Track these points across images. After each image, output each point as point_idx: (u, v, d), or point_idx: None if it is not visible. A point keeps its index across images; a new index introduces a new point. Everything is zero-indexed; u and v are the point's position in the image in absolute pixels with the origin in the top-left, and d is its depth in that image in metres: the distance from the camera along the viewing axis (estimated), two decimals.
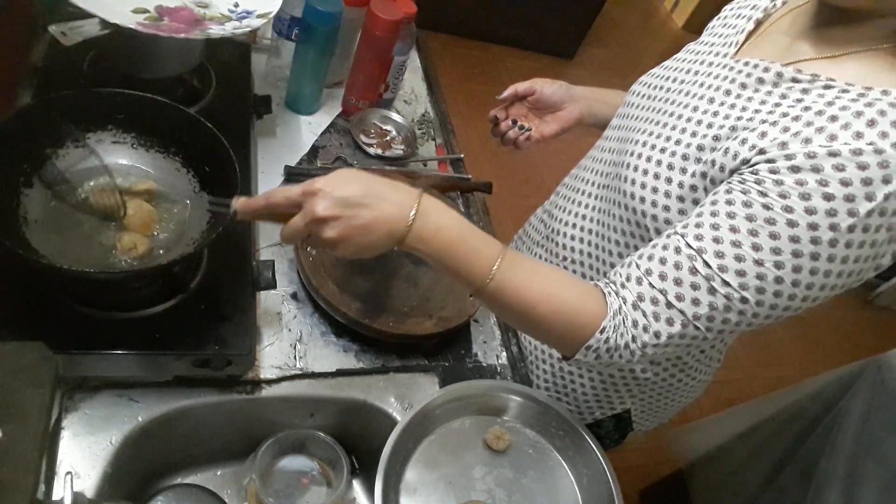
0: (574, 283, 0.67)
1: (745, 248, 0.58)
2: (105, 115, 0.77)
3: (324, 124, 1.13)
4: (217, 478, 0.84)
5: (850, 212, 0.54)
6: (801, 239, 0.56)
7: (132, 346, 0.68)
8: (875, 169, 0.53)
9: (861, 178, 0.53)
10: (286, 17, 1.06)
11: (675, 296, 0.60)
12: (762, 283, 0.58)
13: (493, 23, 3.16)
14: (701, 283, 0.59)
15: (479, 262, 0.63)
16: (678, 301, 0.60)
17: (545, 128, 0.96)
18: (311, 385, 0.80)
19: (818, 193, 0.54)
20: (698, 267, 0.59)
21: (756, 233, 0.57)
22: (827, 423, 1.37)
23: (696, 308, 0.60)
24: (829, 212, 0.54)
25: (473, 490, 0.77)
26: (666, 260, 0.62)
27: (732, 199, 0.59)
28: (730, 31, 0.73)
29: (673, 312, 0.61)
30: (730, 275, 0.58)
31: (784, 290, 0.58)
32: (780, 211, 0.56)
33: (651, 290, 0.62)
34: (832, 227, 0.54)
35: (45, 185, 0.71)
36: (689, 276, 0.60)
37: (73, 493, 0.52)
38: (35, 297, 0.69)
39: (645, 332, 0.62)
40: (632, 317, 0.63)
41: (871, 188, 0.53)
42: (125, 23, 0.75)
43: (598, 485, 0.78)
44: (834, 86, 0.59)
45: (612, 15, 3.40)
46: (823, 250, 0.55)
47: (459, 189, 1.13)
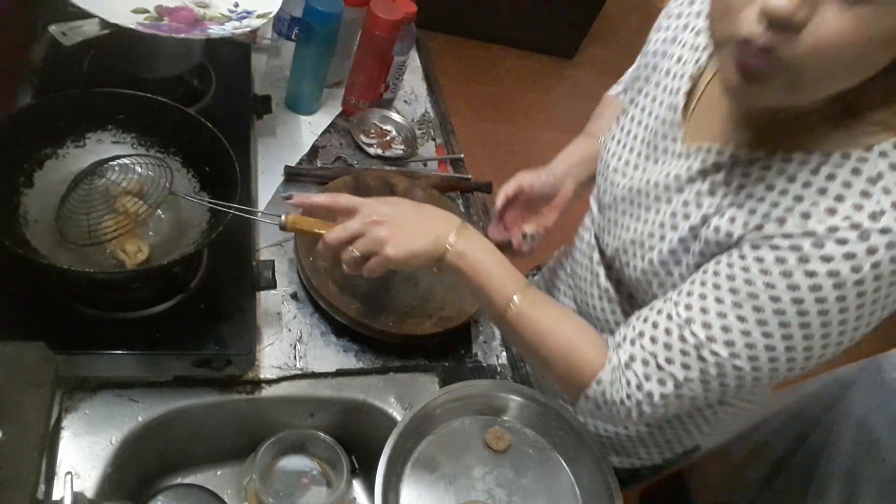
0: (584, 331, 0.69)
1: (730, 319, 0.57)
2: (105, 115, 0.77)
3: (324, 124, 1.13)
4: (217, 478, 0.84)
5: (836, 285, 0.52)
6: (787, 312, 0.55)
7: (132, 346, 0.68)
8: (856, 243, 0.51)
9: (843, 254, 0.51)
10: (286, 17, 1.06)
11: (665, 359, 0.61)
12: (753, 352, 0.57)
13: (493, 23, 3.16)
14: (690, 350, 0.60)
15: (504, 289, 0.67)
16: (668, 364, 0.61)
17: (546, 221, 0.91)
18: (311, 385, 0.80)
19: (799, 271, 0.53)
20: (686, 335, 0.60)
21: (740, 305, 0.57)
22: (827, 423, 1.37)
23: (687, 372, 0.60)
24: (812, 287, 0.53)
25: (473, 490, 0.77)
26: (658, 324, 0.62)
27: (718, 271, 0.59)
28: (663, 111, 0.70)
29: (663, 374, 0.61)
30: (718, 344, 0.58)
31: (779, 355, 0.57)
32: (762, 286, 0.55)
33: (642, 352, 0.63)
34: (819, 300, 0.53)
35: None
36: (678, 342, 0.60)
37: (73, 493, 0.52)
38: (35, 297, 0.69)
39: (638, 390, 0.62)
40: (626, 375, 0.63)
41: (855, 262, 0.51)
42: (125, 23, 0.75)
43: (598, 485, 0.78)
44: (792, 158, 0.56)
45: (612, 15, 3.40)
46: (813, 320, 0.54)
47: (459, 189, 1.13)
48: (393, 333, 0.83)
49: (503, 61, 3.23)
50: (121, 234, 0.70)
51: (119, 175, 0.74)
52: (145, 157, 0.77)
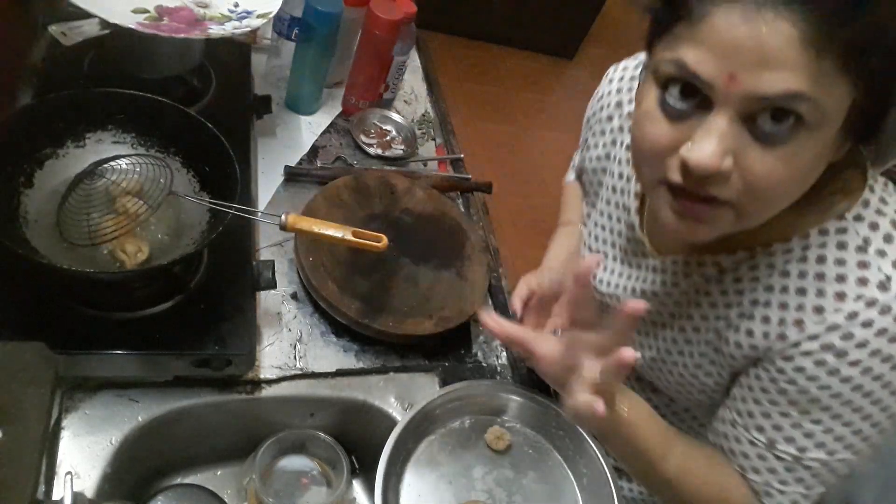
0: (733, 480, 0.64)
1: (807, 426, 0.57)
2: (105, 115, 0.77)
3: (324, 124, 1.13)
4: (217, 478, 0.84)
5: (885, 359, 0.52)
6: (853, 400, 0.55)
7: (132, 346, 0.68)
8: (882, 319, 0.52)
9: (874, 333, 0.52)
10: (286, 17, 1.06)
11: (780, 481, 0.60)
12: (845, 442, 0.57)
13: (493, 23, 3.16)
14: (795, 466, 0.59)
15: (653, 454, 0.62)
16: (783, 485, 0.60)
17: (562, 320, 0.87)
18: (311, 385, 0.80)
19: (844, 364, 0.53)
20: (781, 455, 0.59)
21: (808, 411, 0.57)
22: None
23: (808, 490, 0.60)
24: (864, 371, 0.53)
25: (473, 490, 0.77)
26: (748, 455, 0.62)
27: (766, 388, 0.58)
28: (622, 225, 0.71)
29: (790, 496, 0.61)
30: (811, 451, 0.58)
31: (867, 431, 0.57)
32: (818, 390, 0.55)
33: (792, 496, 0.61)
34: (876, 378, 0.53)
35: None
36: (778, 463, 0.60)
37: (73, 493, 0.52)
38: (35, 297, 0.69)
39: None
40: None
41: (890, 334, 0.52)
42: (125, 23, 0.75)
43: (598, 485, 0.78)
44: (774, 251, 0.57)
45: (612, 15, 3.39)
46: (881, 393, 0.54)
47: (459, 189, 1.13)
48: (393, 333, 0.83)
49: (503, 61, 3.23)
50: (121, 234, 0.70)
51: (119, 175, 0.74)
52: (145, 157, 0.77)
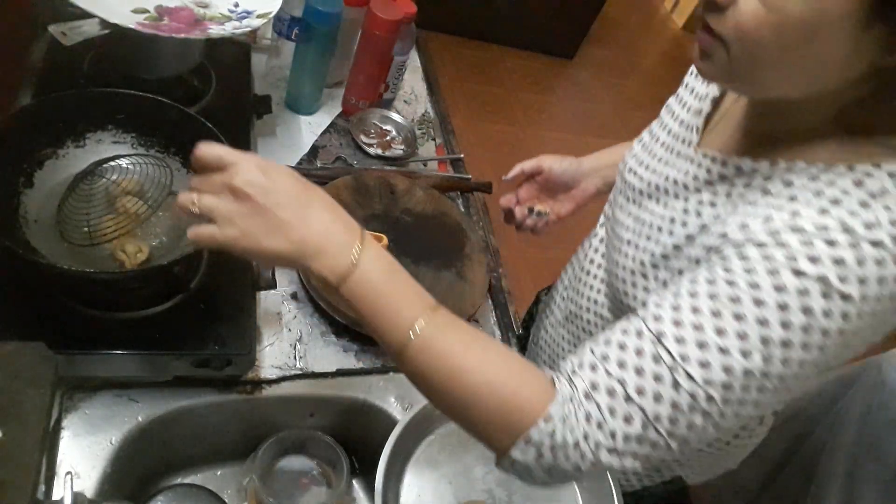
0: (517, 359, 0.56)
1: (707, 333, 0.50)
2: (105, 115, 0.77)
3: (324, 124, 1.13)
4: (217, 478, 0.84)
5: (825, 294, 0.48)
6: (770, 322, 0.49)
7: (132, 346, 0.68)
8: (846, 249, 0.47)
9: (832, 258, 0.47)
10: (286, 17, 1.06)
11: (636, 388, 0.51)
12: (728, 378, 0.50)
13: (493, 23, 3.16)
14: (664, 374, 0.51)
15: (405, 314, 0.54)
16: (638, 395, 0.51)
17: (560, 208, 0.91)
18: (311, 385, 0.80)
19: (786, 268, 0.48)
20: (660, 353, 0.51)
21: (719, 314, 0.50)
22: (827, 423, 1.37)
23: (658, 406, 0.51)
24: (800, 291, 0.48)
25: (473, 490, 0.77)
26: (626, 345, 0.53)
27: (695, 278, 0.53)
28: (689, 115, 0.70)
29: (632, 408, 0.51)
30: (692, 365, 0.50)
31: (752, 383, 0.50)
32: (746, 287, 0.50)
33: (607, 379, 0.52)
34: (805, 311, 0.48)
35: None
36: (652, 364, 0.51)
37: (73, 493, 0.52)
38: (35, 297, 0.69)
39: (599, 429, 0.52)
40: (584, 408, 0.52)
41: (842, 270, 0.47)
42: (125, 23, 0.75)
43: (599, 485, 0.78)
44: (794, 168, 0.54)
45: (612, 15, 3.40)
46: (795, 337, 0.49)
47: (459, 189, 1.13)
48: None
49: (503, 61, 3.23)
50: (121, 234, 0.70)
51: (119, 175, 0.74)
52: (145, 157, 0.77)
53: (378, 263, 0.55)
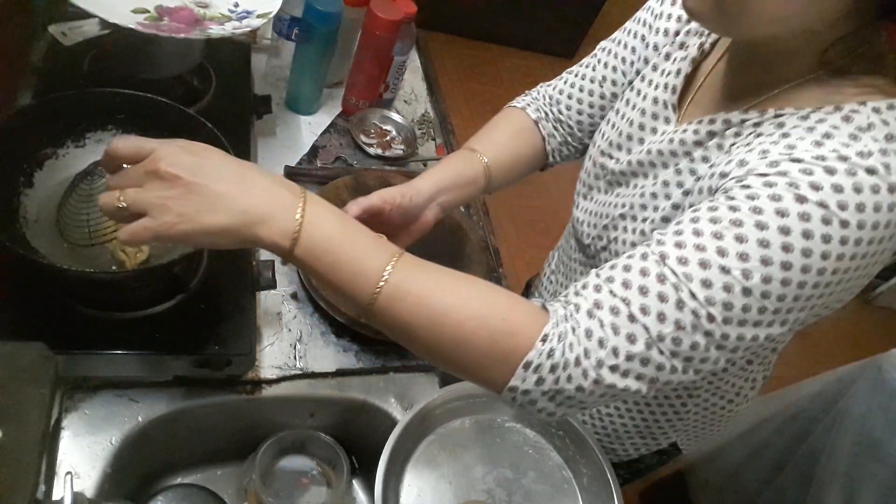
0: (500, 290, 0.55)
1: (709, 252, 0.51)
2: (105, 115, 0.77)
3: (324, 124, 1.13)
4: (217, 478, 0.84)
5: (825, 219, 0.49)
6: (771, 243, 0.49)
7: (132, 346, 0.68)
8: (844, 176, 0.49)
9: (831, 184, 0.49)
10: (286, 17, 1.06)
11: (640, 307, 0.51)
12: (729, 297, 0.50)
13: (493, 23, 3.16)
14: (669, 293, 0.51)
15: (369, 263, 0.52)
16: (643, 314, 0.51)
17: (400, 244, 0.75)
18: (311, 385, 0.80)
19: (789, 194, 0.50)
20: (665, 272, 0.51)
21: (721, 235, 0.51)
22: (827, 423, 1.37)
23: (662, 326, 0.51)
24: (802, 215, 0.49)
25: (473, 490, 0.77)
26: (631, 266, 0.53)
27: (698, 208, 0.54)
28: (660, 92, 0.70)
29: (636, 327, 0.51)
30: (695, 284, 0.50)
31: (752, 303, 0.50)
32: (748, 212, 0.51)
33: (612, 298, 0.52)
34: (805, 235, 0.49)
35: None
36: (656, 283, 0.51)
37: (73, 493, 0.52)
38: (35, 297, 0.69)
39: (601, 346, 0.51)
40: (585, 325, 0.52)
41: (842, 197, 0.49)
42: (125, 23, 0.75)
43: (598, 485, 0.78)
44: (784, 112, 0.56)
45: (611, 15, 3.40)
46: (796, 259, 0.49)
47: None
48: None
49: (503, 61, 3.23)
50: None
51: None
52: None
53: (330, 217, 0.52)
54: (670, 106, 0.69)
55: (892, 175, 0.49)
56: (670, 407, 0.83)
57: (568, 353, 0.51)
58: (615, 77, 0.82)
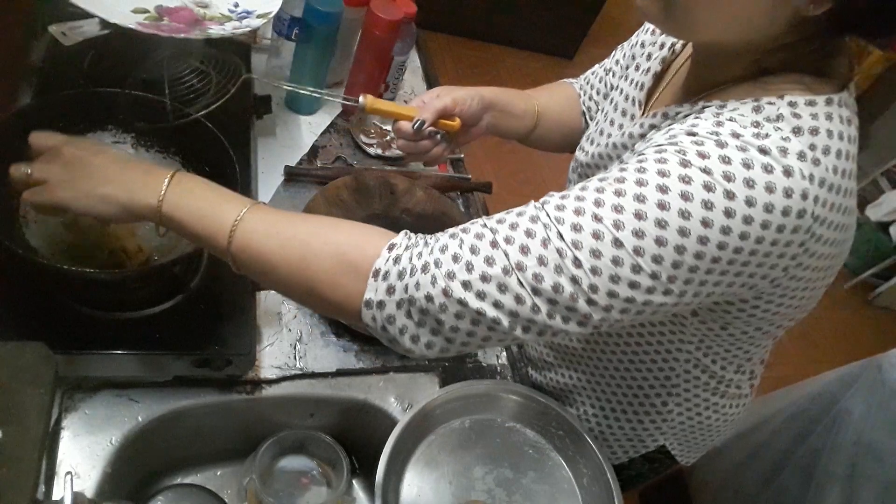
0: (350, 222, 0.58)
1: (586, 203, 0.51)
2: (105, 115, 0.77)
3: (324, 124, 1.13)
4: (217, 478, 0.84)
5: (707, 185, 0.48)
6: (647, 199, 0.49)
7: (132, 346, 0.68)
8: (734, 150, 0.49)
9: (719, 155, 0.49)
10: (286, 17, 1.06)
11: (505, 237, 0.51)
12: (597, 244, 0.50)
13: (493, 23, 3.16)
14: (537, 230, 0.51)
15: (226, 210, 0.56)
16: (506, 243, 0.51)
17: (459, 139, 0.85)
18: (311, 385, 0.80)
19: (674, 158, 0.50)
20: (540, 216, 0.52)
21: (602, 190, 0.51)
22: (827, 423, 1.37)
23: (523, 257, 0.50)
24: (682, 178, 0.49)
25: (473, 490, 0.77)
26: (511, 210, 0.54)
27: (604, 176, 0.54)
28: (633, 89, 0.74)
29: (496, 252, 0.51)
30: (564, 227, 0.51)
31: (623, 257, 0.50)
32: (633, 171, 0.51)
33: (480, 228, 0.53)
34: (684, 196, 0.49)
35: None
36: (528, 222, 0.52)
37: (73, 493, 0.52)
38: (35, 297, 0.69)
39: (455, 261, 0.51)
40: (443, 241, 0.53)
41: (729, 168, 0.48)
42: (125, 23, 0.75)
43: (598, 485, 0.78)
44: (710, 105, 0.57)
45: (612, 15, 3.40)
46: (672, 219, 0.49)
47: (459, 189, 1.13)
48: None
49: (503, 61, 3.23)
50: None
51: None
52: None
53: (194, 178, 0.59)
54: (637, 102, 0.72)
55: (788, 158, 0.49)
56: (651, 406, 0.82)
57: (416, 260, 0.52)
58: (615, 69, 0.87)
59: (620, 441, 0.88)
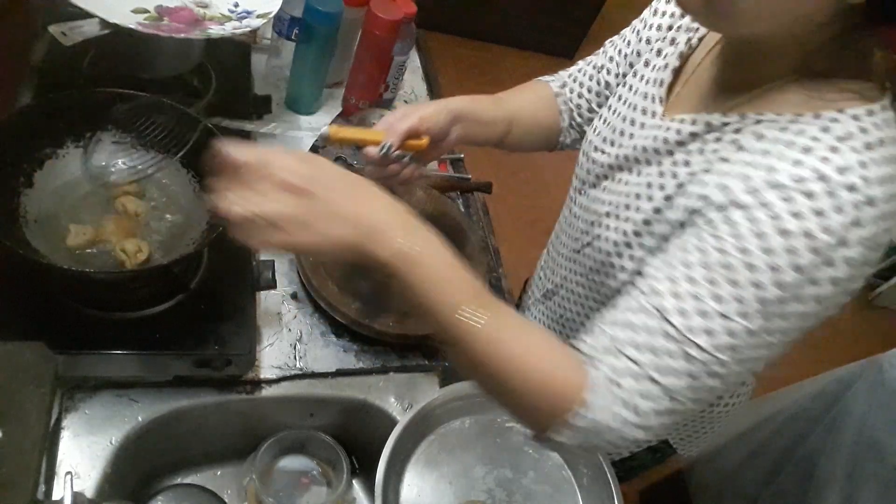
0: (556, 346, 0.59)
1: (706, 301, 0.52)
2: (105, 115, 0.76)
3: (324, 124, 1.13)
4: (217, 478, 0.84)
5: (812, 249, 0.50)
6: (764, 284, 0.51)
7: (132, 346, 0.68)
8: (824, 198, 0.49)
9: (812, 209, 0.49)
10: (286, 17, 1.06)
11: (655, 368, 0.54)
12: (734, 341, 0.52)
13: (493, 23, 3.16)
14: (675, 349, 0.54)
15: (453, 296, 0.55)
16: (659, 374, 0.54)
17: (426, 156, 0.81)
18: (311, 385, 0.80)
19: (772, 229, 0.50)
20: (668, 329, 0.54)
21: (715, 282, 0.52)
22: (827, 423, 1.37)
23: (677, 381, 0.54)
24: (788, 250, 0.50)
25: (473, 490, 0.77)
26: (635, 325, 0.56)
27: (685, 247, 0.55)
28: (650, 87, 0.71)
29: (655, 388, 0.54)
30: (699, 336, 0.53)
31: (757, 341, 0.53)
32: (736, 253, 0.52)
33: (628, 363, 0.55)
34: (795, 268, 0.50)
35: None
36: (662, 341, 0.54)
37: (73, 493, 0.52)
38: (35, 297, 0.69)
39: (635, 413, 0.55)
40: (615, 394, 0.55)
41: (824, 220, 0.49)
42: (125, 23, 0.75)
43: (598, 485, 0.78)
44: (763, 119, 0.56)
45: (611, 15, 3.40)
46: (789, 293, 0.51)
47: (459, 189, 1.13)
48: (393, 333, 0.83)
49: (503, 61, 3.23)
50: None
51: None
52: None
53: (430, 246, 0.55)
54: (657, 99, 0.70)
55: (871, 188, 0.49)
56: None
57: (605, 419, 0.55)
58: (610, 66, 0.85)
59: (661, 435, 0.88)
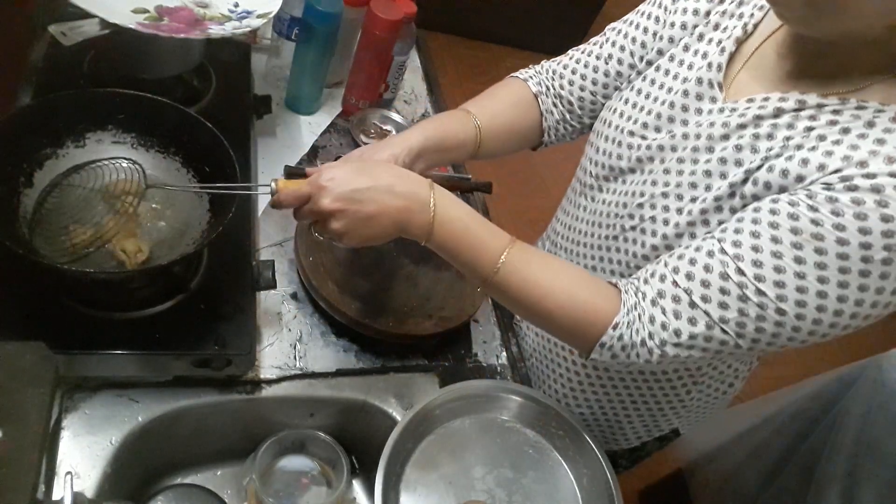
0: (586, 280, 0.66)
1: (786, 260, 0.55)
2: (105, 115, 0.76)
3: (324, 124, 1.13)
4: (217, 478, 0.84)
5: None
6: (851, 258, 0.53)
7: (132, 346, 0.68)
8: None
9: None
10: (286, 17, 1.06)
11: (701, 296, 0.58)
12: (803, 297, 0.55)
13: (493, 23, 3.16)
14: (731, 288, 0.57)
15: (487, 254, 0.65)
16: (703, 302, 0.58)
17: None
18: (310, 385, 0.80)
19: (876, 214, 0.52)
20: (731, 273, 0.57)
21: (800, 246, 0.55)
22: (827, 423, 1.37)
23: (724, 311, 0.58)
24: (885, 233, 0.52)
25: (473, 490, 0.77)
26: (696, 261, 0.60)
27: (777, 210, 0.57)
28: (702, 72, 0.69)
29: (696, 312, 0.59)
30: (766, 284, 0.56)
31: (828, 305, 0.55)
32: (831, 228, 0.53)
33: (674, 289, 0.60)
34: (887, 248, 0.52)
35: None
36: (718, 280, 0.58)
37: (73, 493, 0.52)
38: (35, 297, 0.69)
39: (664, 329, 0.60)
40: (649, 312, 0.61)
41: None
42: (125, 23, 0.75)
43: (598, 485, 0.78)
44: (867, 106, 0.56)
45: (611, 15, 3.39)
46: (875, 269, 0.53)
47: (459, 189, 1.13)
48: (393, 333, 0.83)
49: (503, 61, 3.22)
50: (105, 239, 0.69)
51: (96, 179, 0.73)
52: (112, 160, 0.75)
53: (454, 209, 0.66)
54: (716, 84, 0.68)
55: None
56: (675, 396, 0.83)
57: (635, 336, 0.62)
58: (622, 56, 0.81)
59: (636, 428, 0.88)
